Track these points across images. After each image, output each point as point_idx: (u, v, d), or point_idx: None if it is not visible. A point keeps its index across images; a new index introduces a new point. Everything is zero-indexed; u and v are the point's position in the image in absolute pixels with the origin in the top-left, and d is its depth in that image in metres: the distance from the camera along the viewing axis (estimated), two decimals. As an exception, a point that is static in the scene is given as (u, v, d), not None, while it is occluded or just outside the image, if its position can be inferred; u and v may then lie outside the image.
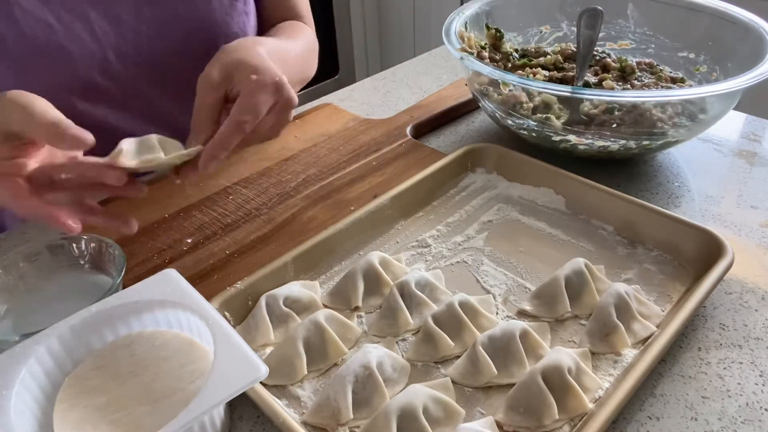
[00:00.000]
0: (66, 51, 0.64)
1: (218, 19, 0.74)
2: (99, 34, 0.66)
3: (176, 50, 0.72)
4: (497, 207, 0.67)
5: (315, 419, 0.45)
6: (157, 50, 0.70)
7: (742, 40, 0.74)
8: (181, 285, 0.46)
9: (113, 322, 0.46)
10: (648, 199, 0.67)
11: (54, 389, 0.43)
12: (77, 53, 0.65)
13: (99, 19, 0.66)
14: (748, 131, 0.82)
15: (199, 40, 0.73)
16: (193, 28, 0.72)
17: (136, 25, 0.69)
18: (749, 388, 0.47)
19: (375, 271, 0.56)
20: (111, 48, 0.67)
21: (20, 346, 0.42)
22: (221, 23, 0.74)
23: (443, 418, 0.44)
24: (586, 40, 0.76)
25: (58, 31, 0.63)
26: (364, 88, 0.97)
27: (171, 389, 0.42)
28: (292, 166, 0.76)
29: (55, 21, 0.63)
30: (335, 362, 0.50)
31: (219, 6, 0.73)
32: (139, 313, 0.46)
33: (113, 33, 0.67)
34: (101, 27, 0.66)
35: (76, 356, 0.44)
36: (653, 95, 0.71)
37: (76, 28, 0.64)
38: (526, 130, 0.72)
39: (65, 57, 0.64)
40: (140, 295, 0.46)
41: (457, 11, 0.82)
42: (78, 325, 0.44)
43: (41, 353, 0.42)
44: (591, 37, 0.76)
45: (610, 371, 0.48)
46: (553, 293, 0.53)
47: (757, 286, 0.56)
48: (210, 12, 0.73)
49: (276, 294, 0.53)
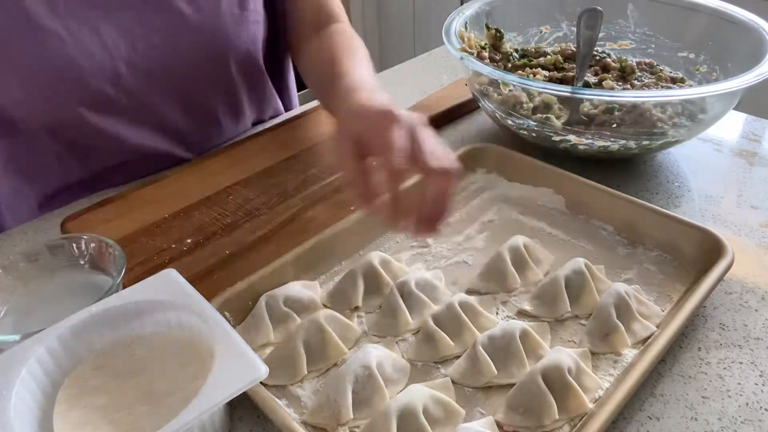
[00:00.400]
0: (76, 63, 0.64)
1: (228, 29, 0.74)
2: (110, 46, 0.66)
3: (186, 61, 0.72)
4: (497, 207, 0.67)
5: (315, 419, 0.45)
6: (167, 61, 0.70)
7: (742, 40, 0.74)
8: (181, 285, 0.46)
9: (113, 323, 0.46)
10: (648, 199, 0.67)
11: (54, 389, 0.43)
12: (87, 65, 0.64)
13: (110, 31, 0.66)
14: (748, 131, 0.82)
15: (209, 51, 0.73)
16: (203, 39, 0.72)
17: (147, 37, 0.68)
18: (749, 388, 0.47)
19: (375, 271, 0.56)
20: (122, 60, 0.67)
21: (20, 346, 0.42)
22: (231, 34, 0.74)
23: (443, 418, 0.44)
24: (587, 40, 0.76)
25: (68, 44, 0.63)
26: (364, 88, 0.97)
27: (171, 389, 0.42)
28: (292, 166, 0.76)
29: (66, 33, 0.63)
30: (335, 362, 0.50)
31: (229, 16, 0.73)
32: (139, 314, 0.46)
33: (124, 45, 0.67)
34: (112, 39, 0.66)
35: (76, 356, 0.44)
36: (653, 95, 0.71)
37: (86, 40, 0.64)
38: (526, 130, 0.72)
39: (76, 69, 0.64)
40: (140, 296, 0.46)
41: (457, 11, 0.82)
42: (78, 326, 0.44)
43: (41, 353, 0.42)
44: (591, 37, 0.76)
45: (610, 371, 0.48)
46: (553, 293, 0.53)
47: (757, 286, 0.56)
48: (220, 22, 0.72)
49: (276, 294, 0.53)
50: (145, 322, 0.46)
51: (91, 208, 0.69)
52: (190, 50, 0.71)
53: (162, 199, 0.70)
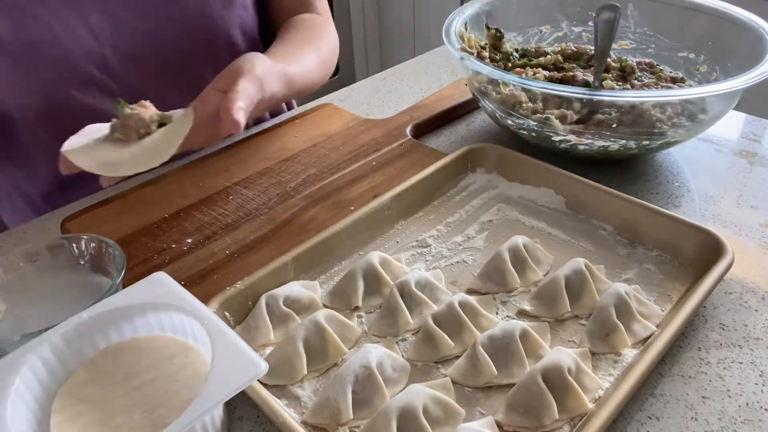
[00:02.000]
0: (63, 47, 0.64)
1: (215, 14, 0.74)
2: (96, 30, 0.66)
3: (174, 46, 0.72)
4: (497, 207, 0.67)
5: (315, 419, 0.45)
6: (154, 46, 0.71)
7: (742, 40, 0.74)
8: (172, 287, 0.46)
9: (105, 329, 0.45)
10: (648, 199, 0.67)
11: (48, 399, 0.42)
12: (74, 49, 0.65)
13: (95, 16, 0.66)
14: (748, 131, 0.82)
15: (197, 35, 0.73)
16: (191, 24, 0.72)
17: (133, 22, 0.69)
18: (749, 388, 0.47)
19: (375, 271, 0.56)
20: (108, 44, 0.67)
21: (11, 356, 0.41)
22: (218, 18, 0.74)
23: (443, 418, 0.44)
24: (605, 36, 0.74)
25: (54, 28, 0.64)
26: (364, 88, 0.97)
27: (169, 393, 0.42)
28: (292, 166, 0.76)
29: (52, 17, 0.63)
30: (335, 362, 0.50)
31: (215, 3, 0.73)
32: (131, 318, 0.45)
33: (110, 29, 0.67)
34: (98, 23, 0.67)
35: (69, 365, 0.44)
36: (653, 95, 0.71)
37: (72, 25, 0.65)
38: (526, 130, 0.72)
39: (62, 53, 0.65)
40: (131, 299, 0.45)
41: (457, 11, 0.82)
42: (70, 333, 0.43)
43: (34, 362, 0.41)
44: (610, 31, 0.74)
45: (610, 371, 0.48)
46: (553, 293, 0.53)
47: (757, 286, 0.56)
48: (207, 7, 0.73)
49: (276, 294, 0.53)
50: (138, 327, 0.46)
51: (91, 208, 0.69)
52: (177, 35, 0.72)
53: (162, 199, 0.70)
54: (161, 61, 0.72)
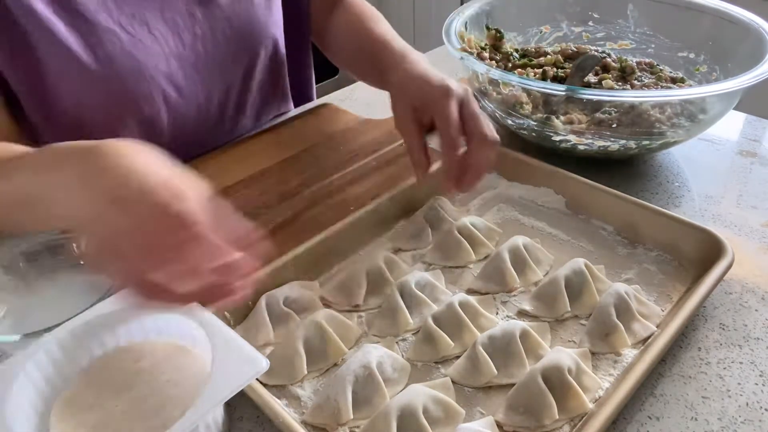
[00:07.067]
0: (135, 59, 0.64)
1: (261, 18, 0.75)
2: (159, 38, 0.66)
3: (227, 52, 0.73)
4: (497, 207, 0.67)
5: (315, 419, 0.45)
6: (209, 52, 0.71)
7: (742, 40, 0.74)
8: None
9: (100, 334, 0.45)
10: (648, 199, 0.67)
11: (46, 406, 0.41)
12: (144, 60, 0.65)
13: (160, 27, 0.67)
14: (748, 131, 0.82)
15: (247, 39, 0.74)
16: (239, 28, 0.73)
17: (191, 31, 0.69)
18: (749, 388, 0.47)
19: (379, 271, 0.56)
20: (172, 55, 0.68)
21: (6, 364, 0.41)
22: (264, 21, 0.75)
23: (443, 418, 0.44)
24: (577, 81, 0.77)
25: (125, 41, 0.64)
26: (364, 88, 0.97)
27: (168, 397, 0.42)
28: (292, 166, 0.76)
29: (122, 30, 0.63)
30: (335, 362, 0.50)
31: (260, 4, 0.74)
32: (126, 322, 0.45)
33: (173, 40, 0.68)
34: (161, 35, 0.67)
35: (65, 373, 0.43)
36: (652, 95, 0.71)
37: (140, 36, 0.65)
38: (526, 130, 0.72)
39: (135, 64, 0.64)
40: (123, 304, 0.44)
41: (457, 11, 0.82)
42: (65, 339, 0.43)
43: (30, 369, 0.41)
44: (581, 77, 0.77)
45: (610, 371, 0.48)
46: (553, 293, 0.53)
47: (757, 286, 0.56)
48: (253, 11, 0.74)
49: (276, 294, 0.53)
50: (133, 331, 0.46)
51: (91, 208, 0.69)
52: (228, 41, 0.73)
53: (162, 199, 0.70)
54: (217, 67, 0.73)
